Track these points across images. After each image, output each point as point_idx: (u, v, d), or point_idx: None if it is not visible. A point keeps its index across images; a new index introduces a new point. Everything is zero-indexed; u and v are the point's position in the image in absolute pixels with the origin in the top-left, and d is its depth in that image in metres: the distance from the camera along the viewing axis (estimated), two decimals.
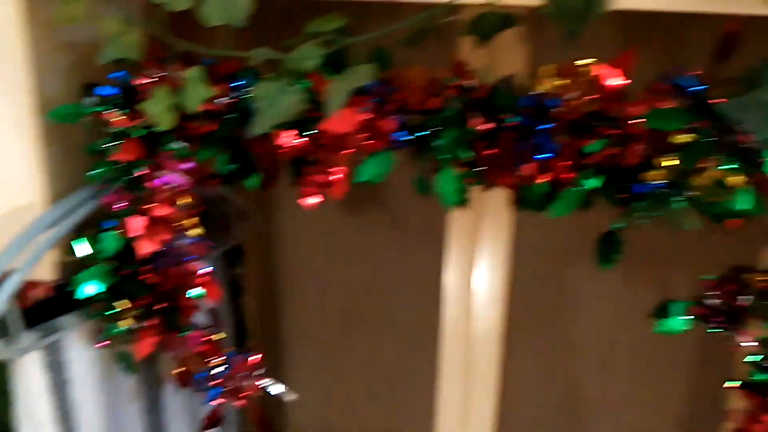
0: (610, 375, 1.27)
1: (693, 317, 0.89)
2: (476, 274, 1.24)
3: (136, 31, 0.76)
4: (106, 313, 0.90)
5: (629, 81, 0.73)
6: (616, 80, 0.74)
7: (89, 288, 0.89)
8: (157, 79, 0.80)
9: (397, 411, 1.43)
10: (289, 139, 0.80)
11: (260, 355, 0.97)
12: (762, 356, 0.81)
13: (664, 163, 0.71)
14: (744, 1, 0.59)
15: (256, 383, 0.98)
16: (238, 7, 0.70)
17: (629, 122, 0.73)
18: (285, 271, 1.40)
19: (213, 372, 0.95)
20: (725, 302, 0.87)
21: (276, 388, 1.00)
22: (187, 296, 0.91)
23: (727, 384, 0.83)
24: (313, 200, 0.88)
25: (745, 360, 0.82)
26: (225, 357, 0.96)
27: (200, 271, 0.91)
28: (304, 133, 0.81)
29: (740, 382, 0.81)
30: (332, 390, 1.46)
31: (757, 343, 0.84)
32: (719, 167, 0.69)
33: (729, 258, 0.89)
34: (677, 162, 0.69)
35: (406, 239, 1.30)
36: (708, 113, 0.67)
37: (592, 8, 0.62)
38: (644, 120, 0.70)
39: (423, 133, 0.80)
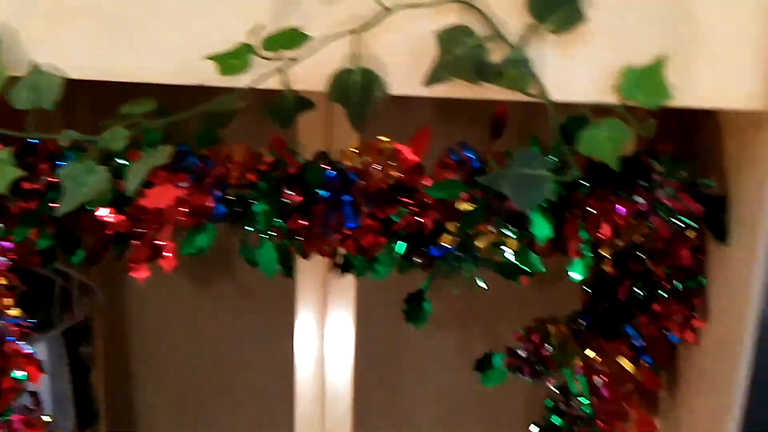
0: (455, 430, 1.32)
1: (507, 368, 0.97)
2: (326, 338, 1.28)
3: None
4: None
5: (420, 157, 0.81)
6: (411, 156, 0.82)
7: None
8: None
9: None
10: (106, 215, 0.82)
11: None
12: (556, 401, 0.89)
13: (451, 229, 0.79)
14: (497, 88, 0.68)
15: None
16: (48, 91, 0.73)
17: (423, 193, 0.81)
18: (136, 346, 1.38)
19: None
20: (532, 351, 0.95)
21: None
22: (6, 379, 0.89)
23: (531, 428, 0.90)
24: (142, 274, 0.89)
25: (545, 404, 0.90)
26: None
27: (21, 353, 0.89)
28: (124, 209, 0.83)
29: (539, 427, 0.88)
30: None
31: (557, 390, 0.92)
32: (496, 231, 0.77)
33: (555, 310, 0.98)
34: (458, 227, 0.77)
35: (257, 308, 1.32)
36: (483, 184, 0.76)
37: (371, 95, 0.70)
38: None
39: (240, 206, 0.84)
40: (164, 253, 0.87)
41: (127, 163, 0.79)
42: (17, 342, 0.89)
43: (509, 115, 0.81)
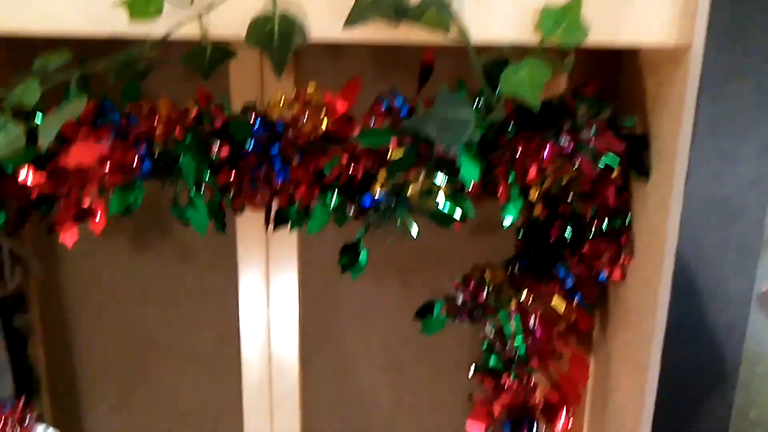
0: (401, 380, 1.35)
1: (446, 315, 0.99)
2: (271, 295, 1.28)
3: None
4: None
5: (349, 106, 0.80)
6: (341, 105, 0.81)
7: None
8: None
9: None
10: (25, 175, 0.79)
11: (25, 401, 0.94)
12: (492, 343, 0.91)
13: (381, 177, 0.79)
14: (419, 32, 0.68)
15: (28, 429, 0.94)
16: None
17: (354, 143, 0.80)
18: (75, 313, 1.35)
19: None
20: (470, 298, 0.97)
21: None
22: None
23: (471, 371, 0.93)
24: (71, 238, 0.87)
25: (482, 347, 0.92)
26: None
27: None
28: (44, 168, 0.81)
29: (475, 367, 0.91)
30: (138, 426, 1.42)
31: (492, 333, 0.94)
32: (426, 177, 0.77)
33: (493, 258, 0.99)
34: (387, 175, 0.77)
35: (197, 266, 1.30)
36: (410, 131, 0.76)
37: (290, 40, 0.68)
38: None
39: (165, 162, 0.82)
40: (92, 214, 0.85)
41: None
42: None
43: (435, 62, 0.80)
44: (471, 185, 0.77)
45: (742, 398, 1.40)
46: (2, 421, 0.92)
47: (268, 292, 1.27)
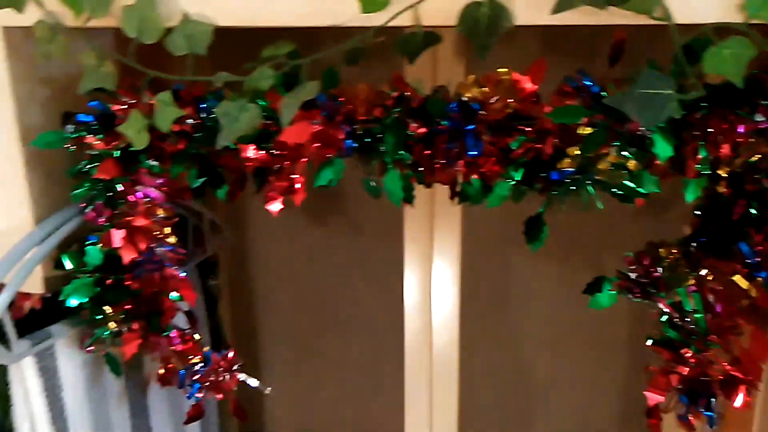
0: (559, 356, 1.38)
1: (617, 291, 1.02)
2: (433, 269, 1.35)
3: (111, 63, 0.86)
4: (93, 319, 0.99)
5: (538, 86, 0.85)
6: (529, 85, 0.87)
7: (75, 299, 0.98)
8: (130, 104, 0.90)
9: (367, 404, 1.53)
10: (250, 152, 0.91)
11: (234, 352, 1.07)
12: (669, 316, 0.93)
13: (571, 153, 0.83)
14: (622, 13, 0.71)
15: (234, 377, 1.07)
16: (200, 38, 0.81)
17: (542, 120, 0.85)
18: (257, 280, 1.50)
19: (194, 369, 1.05)
20: (642, 274, 0.99)
21: (252, 382, 1.09)
22: (166, 300, 1.00)
23: (647, 342, 0.95)
24: (276, 206, 0.98)
25: (660, 319, 0.94)
26: (203, 355, 1.05)
27: (177, 277, 1.00)
28: (264, 146, 0.92)
29: (652, 340, 0.93)
30: (305, 388, 1.55)
31: (669, 308, 0.96)
32: (616, 153, 0.81)
33: (658, 236, 1.01)
34: (579, 151, 0.81)
35: (366, 242, 1.41)
36: (604, 108, 0.80)
37: (498, 26, 0.74)
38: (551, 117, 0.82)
39: (368, 139, 0.91)
40: (296, 187, 0.96)
41: (264, 103, 0.87)
42: (173, 267, 1.00)
43: (625, 41, 0.83)
44: (663, 161, 0.79)
45: None
46: (216, 366, 1.05)
47: (431, 266, 1.35)
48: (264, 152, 0.92)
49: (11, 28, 0.93)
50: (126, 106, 0.91)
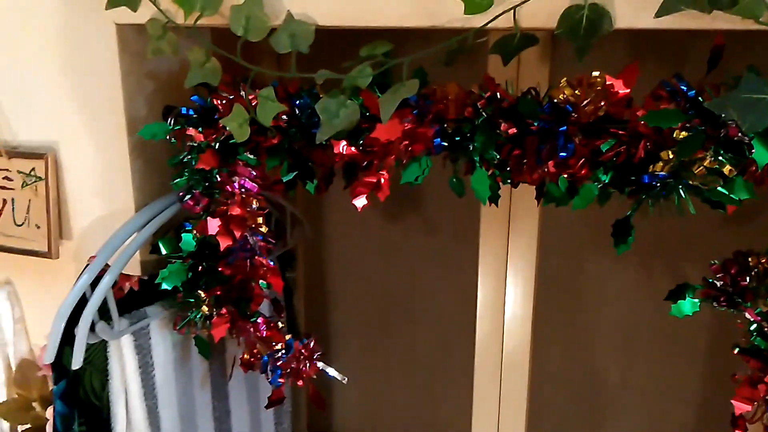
0: (632, 362, 1.37)
1: (702, 299, 1.01)
2: (507, 270, 1.36)
3: (216, 60, 0.91)
4: (187, 302, 1.04)
5: (630, 89, 0.85)
6: (622, 89, 0.87)
7: (169, 282, 1.03)
8: (232, 98, 0.95)
9: (436, 402, 1.54)
10: (341, 147, 0.94)
11: (315, 340, 1.10)
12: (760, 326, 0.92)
13: (665, 156, 0.83)
14: (726, 17, 0.71)
15: (314, 365, 1.11)
16: (304, 37, 0.85)
17: (636, 123, 0.86)
18: (331, 274, 1.54)
19: (277, 355, 1.09)
20: (729, 283, 0.98)
21: (330, 371, 1.12)
22: (255, 287, 1.05)
23: (734, 350, 0.94)
24: (361, 202, 1.01)
25: (749, 329, 0.93)
26: (286, 342, 1.09)
27: (266, 265, 1.04)
28: (356, 142, 0.95)
29: (739, 348, 0.92)
30: (374, 384, 1.58)
31: (759, 318, 0.95)
32: (712, 158, 0.81)
33: (740, 246, 1.00)
34: (674, 155, 0.81)
35: (441, 241, 1.42)
36: (700, 112, 0.79)
37: (598, 28, 0.75)
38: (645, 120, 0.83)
39: (457, 138, 0.93)
40: (382, 183, 0.99)
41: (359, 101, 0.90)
42: (263, 257, 1.04)
43: (725, 45, 0.83)
44: (761, 168, 0.79)
45: None
46: (297, 353, 1.09)
47: (506, 267, 1.36)
48: (354, 148, 0.95)
49: (124, 25, 0.99)
50: (227, 101, 0.95)
